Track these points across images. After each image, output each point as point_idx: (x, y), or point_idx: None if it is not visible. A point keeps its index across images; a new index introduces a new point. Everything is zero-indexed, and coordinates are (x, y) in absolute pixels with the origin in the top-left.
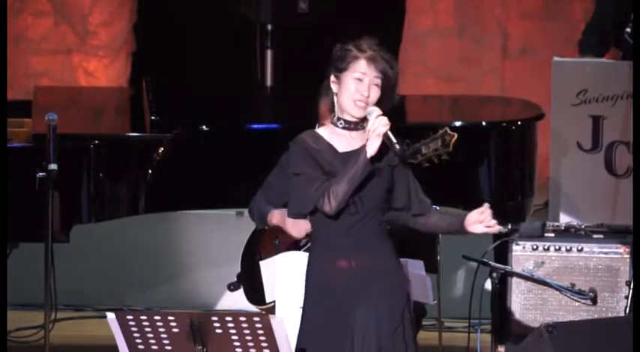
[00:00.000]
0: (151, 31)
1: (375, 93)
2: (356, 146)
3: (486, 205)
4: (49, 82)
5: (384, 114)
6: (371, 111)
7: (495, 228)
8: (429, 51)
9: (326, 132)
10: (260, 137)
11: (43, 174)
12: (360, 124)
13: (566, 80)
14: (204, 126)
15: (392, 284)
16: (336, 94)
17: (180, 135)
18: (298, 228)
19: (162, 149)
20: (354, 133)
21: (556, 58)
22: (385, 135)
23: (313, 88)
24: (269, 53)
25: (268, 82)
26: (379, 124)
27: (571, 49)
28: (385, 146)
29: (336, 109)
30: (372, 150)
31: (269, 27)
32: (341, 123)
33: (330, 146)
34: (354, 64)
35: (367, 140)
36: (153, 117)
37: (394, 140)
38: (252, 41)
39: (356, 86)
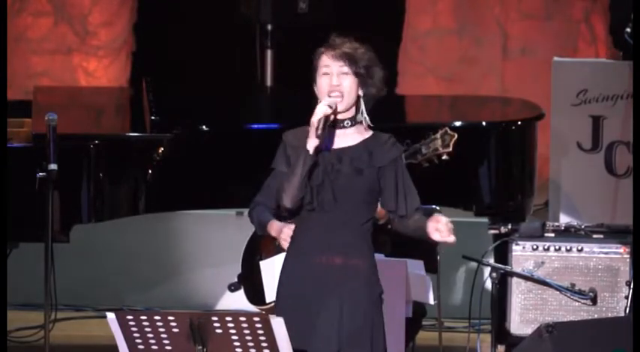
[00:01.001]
0: (151, 31)
1: (348, 82)
2: (346, 143)
3: (440, 217)
4: (49, 82)
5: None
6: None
7: (450, 239)
8: (429, 51)
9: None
10: (260, 137)
11: (43, 174)
12: (347, 121)
13: (566, 80)
14: (204, 126)
15: (359, 286)
16: (319, 99)
17: (180, 135)
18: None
19: (162, 149)
20: (348, 130)
21: (556, 58)
22: (318, 122)
23: (313, 88)
24: (269, 53)
25: (268, 82)
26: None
27: (571, 49)
28: (371, 147)
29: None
30: (310, 143)
31: (269, 27)
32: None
33: None
34: (320, 61)
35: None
36: (153, 117)
37: (318, 130)
38: (252, 41)
39: (325, 80)
